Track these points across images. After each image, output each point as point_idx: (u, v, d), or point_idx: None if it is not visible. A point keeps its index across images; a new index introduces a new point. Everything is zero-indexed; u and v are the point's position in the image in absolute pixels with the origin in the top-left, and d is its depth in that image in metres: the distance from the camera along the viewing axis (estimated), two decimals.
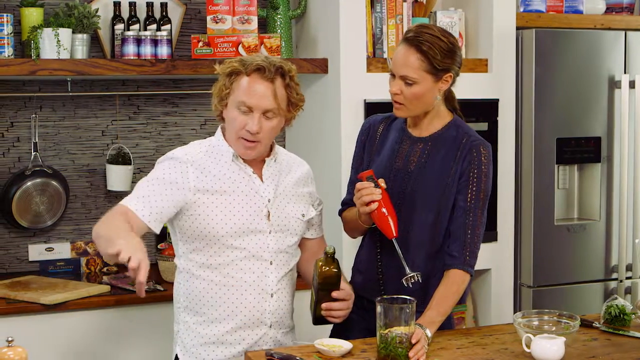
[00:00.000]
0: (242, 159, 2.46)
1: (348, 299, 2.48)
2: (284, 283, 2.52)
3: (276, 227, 2.48)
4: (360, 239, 2.76)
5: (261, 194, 2.46)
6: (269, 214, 2.47)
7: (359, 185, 2.48)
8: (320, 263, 2.42)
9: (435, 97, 2.52)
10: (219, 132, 2.52)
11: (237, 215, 2.42)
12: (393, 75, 2.52)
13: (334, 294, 2.44)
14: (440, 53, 2.45)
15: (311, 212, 2.61)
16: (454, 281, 2.48)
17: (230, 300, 2.44)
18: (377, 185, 2.46)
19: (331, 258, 2.42)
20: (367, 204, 2.45)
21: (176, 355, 2.52)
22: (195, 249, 2.44)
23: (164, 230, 3.04)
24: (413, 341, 2.23)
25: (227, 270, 2.43)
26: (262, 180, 2.48)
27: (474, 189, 2.51)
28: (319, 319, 2.49)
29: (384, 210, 2.45)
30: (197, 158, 2.44)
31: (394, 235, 2.45)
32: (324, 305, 2.45)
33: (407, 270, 2.43)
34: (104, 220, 2.31)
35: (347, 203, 2.72)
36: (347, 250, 3.15)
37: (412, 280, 2.42)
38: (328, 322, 2.51)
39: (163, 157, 2.49)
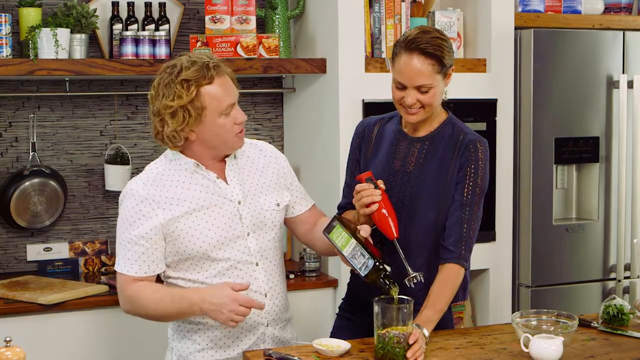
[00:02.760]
0: (204, 166, 2.41)
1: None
2: (274, 280, 2.50)
3: (252, 226, 2.45)
4: None
5: (230, 198, 2.42)
6: (241, 217, 2.44)
7: (358, 187, 2.47)
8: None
9: (444, 93, 2.54)
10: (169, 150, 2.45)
11: (213, 229, 2.38)
12: (401, 87, 2.47)
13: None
14: (446, 51, 2.45)
15: (286, 197, 2.55)
16: (449, 276, 2.48)
17: None
18: (376, 187, 2.45)
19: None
20: (367, 205, 2.44)
21: None
22: (181, 269, 2.42)
23: None
24: (411, 342, 2.23)
25: (216, 281, 2.40)
26: (227, 183, 2.44)
27: (471, 184, 2.51)
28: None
29: (384, 211, 2.44)
30: (156, 187, 2.38)
31: (395, 236, 2.44)
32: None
33: (409, 270, 2.42)
34: (142, 302, 2.37)
35: (344, 207, 2.70)
36: None
37: (415, 281, 2.41)
38: None
39: (125, 190, 2.41)
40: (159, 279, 2.45)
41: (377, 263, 2.29)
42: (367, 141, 2.66)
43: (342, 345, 2.31)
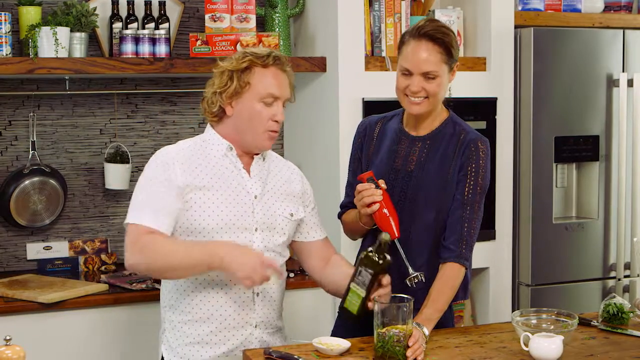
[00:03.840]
0: (236, 153, 2.46)
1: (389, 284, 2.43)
2: (270, 282, 2.48)
3: (262, 224, 2.46)
4: (360, 239, 2.75)
5: (248, 189, 2.45)
6: (254, 211, 2.45)
7: (359, 186, 2.47)
8: (376, 258, 2.36)
9: (448, 88, 2.54)
10: (208, 127, 2.51)
11: (225, 211, 2.40)
12: (407, 74, 2.47)
13: (384, 280, 2.39)
14: (453, 41, 2.47)
15: (300, 212, 2.57)
16: (449, 275, 2.48)
17: (214, 299, 2.42)
18: (377, 186, 2.46)
19: (385, 246, 2.38)
20: (369, 205, 2.45)
21: (162, 355, 2.51)
22: None
23: None
24: (410, 343, 2.22)
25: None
26: (250, 176, 2.47)
27: (472, 182, 2.51)
28: (360, 316, 2.41)
29: (385, 211, 2.45)
30: (184, 154, 2.43)
31: (396, 235, 2.45)
32: (378, 293, 2.38)
33: (410, 270, 2.43)
34: (155, 251, 2.31)
35: (346, 206, 2.71)
36: (346, 252, 3.15)
37: (416, 280, 2.42)
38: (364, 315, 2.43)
39: (155, 154, 2.46)
40: None
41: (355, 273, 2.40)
42: (369, 140, 2.67)
43: (342, 343, 2.31)
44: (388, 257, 2.37)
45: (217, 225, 2.39)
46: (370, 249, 2.39)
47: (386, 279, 2.40)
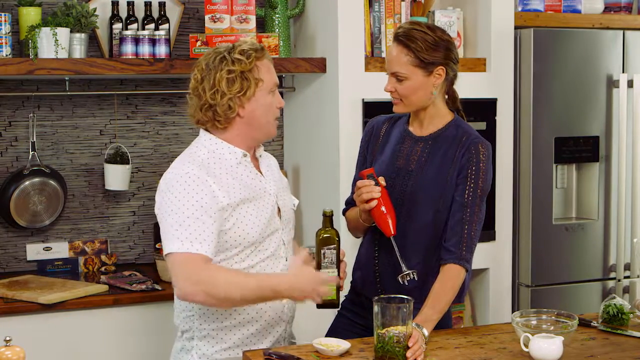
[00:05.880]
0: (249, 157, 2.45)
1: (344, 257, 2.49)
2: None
3: (285, 222, 2.48)
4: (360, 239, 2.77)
5: (269, 191, 2.44)
6: (279, 210, 2.46)
7: (359, 183, 2.50)
8: (330, 233, 2.40)
9: (432, 92, 2.54)
10: (208, 137, 2.41)
11: (263, 220, 2.37)
12: (387, 74, 2.58)
13: (341, 254, 2.44)
14: (425, 46, 2.49)
15: (295, 201, 2.62)
16: (449, 277, 2.49)
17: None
18: (377, 183, 2.47)
19: (329, 218, 2.41)
20: (367, 201, 2.46)
21: None
22: (220, 260, 2.36)
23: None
24: (410, 344, 2.23)
25: (253, 272, 2.39)
26: (263, 176, 2.47)
27: (472, 185, 2.52)
28: (339, 299, 2.44)
29: (382, 208, 2.47)
30: (209, 170, 2.33)
31: (392, 233, 2.47)
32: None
33: (403, 267, 2.44)
34: (217, 285, 2.21)
35: (351, 202, 2.72)
36: (348, 251, 3.14)
37: (408, 278, 2.44)
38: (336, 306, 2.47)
39: (175, 175, 2.32)
40: None
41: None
42: (375, 139, 2.70)
43: (342, 344, 2.32)
44: (334, 227, 2.42)
45: (260, 236, 2.37)
46: (320, 230, 2.41)
47: (342, 252, 2.45)
